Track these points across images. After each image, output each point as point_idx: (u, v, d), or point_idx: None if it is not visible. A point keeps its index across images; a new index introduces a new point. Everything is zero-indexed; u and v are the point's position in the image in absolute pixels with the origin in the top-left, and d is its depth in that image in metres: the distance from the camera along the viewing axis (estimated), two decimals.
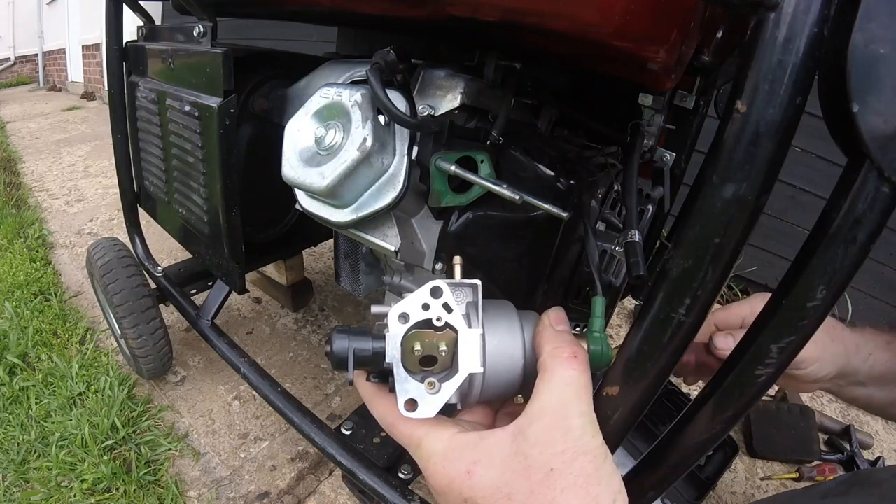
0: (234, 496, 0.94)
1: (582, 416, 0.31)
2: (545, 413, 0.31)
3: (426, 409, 0.31)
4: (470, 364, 0.32)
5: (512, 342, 0.34)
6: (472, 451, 0.32)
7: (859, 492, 0.46)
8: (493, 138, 0.52)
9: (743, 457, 1.13)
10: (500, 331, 0.34)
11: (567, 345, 0.34)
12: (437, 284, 0.32)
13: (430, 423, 0.34)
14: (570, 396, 0.31)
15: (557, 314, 0.37)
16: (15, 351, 1.23)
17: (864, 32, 0.25)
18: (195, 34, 0.72)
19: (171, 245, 1.69)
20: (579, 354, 0.33)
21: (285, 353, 1.31)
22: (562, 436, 0.30)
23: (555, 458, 0.29)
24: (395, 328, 0.32)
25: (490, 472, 0.30)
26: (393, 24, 0.63)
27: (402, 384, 0.32)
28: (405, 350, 0.32)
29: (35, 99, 5.62)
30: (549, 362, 0.33)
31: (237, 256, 0.79)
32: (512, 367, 0.34)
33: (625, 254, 0.43)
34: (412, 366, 0.32)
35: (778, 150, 0.27)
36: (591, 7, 0.34)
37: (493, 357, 0.33)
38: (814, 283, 0.30)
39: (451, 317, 0.32)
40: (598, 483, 0.29)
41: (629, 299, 1.50)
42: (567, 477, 0.29)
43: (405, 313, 0.32)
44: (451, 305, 0.32)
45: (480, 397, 0.34)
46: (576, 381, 0.32)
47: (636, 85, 0.54)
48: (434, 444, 0.33)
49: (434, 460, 0.33)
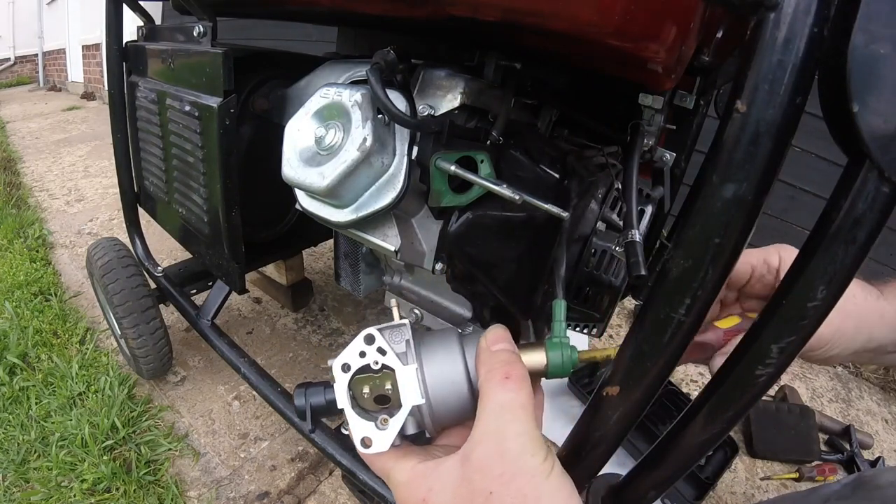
0: (234, 496, 0.94)
1: (519, 437, 0.31)
2: (484, 438, 0.32)
3: (379, 444, 0.34)
4: (411, 398, 0.34)
5: (451, 369, 0.36)
6: (427, 479, 0.33)
7: (863, 495, 0.46)
8: (493, 138, 0.52)
9: (743, 457, 1.13)
10: (438, 360, 0.36)
11: (500, 366, 0.34)
12: (370, 332, 0.36)
13: (396, 455, 0.36)
14: (507, 419, 0.32)
15: (495, 333, 0.37)
16: (15, 351, 1.23)
17: (864, 32, 0.25)
18: (195, 34, 0.72)
19: (171, 245, 1.69)
20: (512, 374, 0.34)
21: (285, 353, 1.31)
22: (499, 459, 0.31)
23: (493, 481, 0.30)
24: (339, 378, 0.35)
25: (441, 498, 0.32)
26: (393, 24, 0.63)
27: (355, 426, 0.35)
28: (357, 394, 0.35)
29: (35, 99, 5.62)
30: (484, 386, 0.34)
31: (237, 256, 0.79)
32: (457, 392, 0.36)
33: (625, 254, 0.43)
34: (370, 406, 0.35)
35: (778, 150, 0.27)
36: (590, 7, 0.34)
37: (434, 386, 0.35)
38: (814, 282, 0.30)
39: (386, 358, 0.35)
40: (536, 502, 0.29)
41: (629, 299, 1.50)
42: (504, 499, 0.30)
43: (346, 363, 0.35)
44: (384, 348, 0.35)
45: (438, 423, 0.37)
46: (511, 403, 0.32)
47: (636, 85, 0.54)
48: (398, 475, 0.35)
49: (399, 489, 0.35)
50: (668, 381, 0.45)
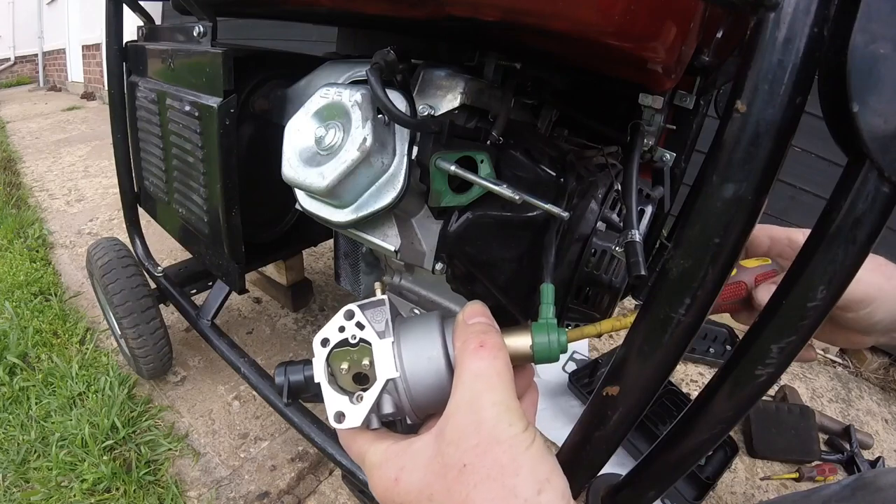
0: (234, 496, 0.94)
1: (495, 406, 0.30)
2: (458, 409, 0.30)
3: (352, 419, 0.34)
4: (385, 371, 0.34)
5: (429, 344, 0.35)
6: (399, 458, 0.32)
7: (863, 497, 0.46)
8: (493, 138, 0.52)
9: (743, 457, 1.13)
10: (415, 335, 0.36)
11: (475, 336, 0.33)
12: (349, 308, 0.36)
13: (372, 439, 0.35)
14: (480, 387, 0.30)
15: (472, 308, 0.36)
16: (15, 351, 1.23)
17: (864, 32, 0.25)
18: (195, 34, 0.72)
19: (171, 245, 1.69)
20: (487, 342, 0.33)
21: (285, 353, 1.31)
22: (474, 429, 0.29)
23: (468, 452, 0.29)
24: (317, 352, 0.36)
25: (413, 477, 0.31)
26: (393, 24, 0.63)
27: (330, 400, 0.35)
28: (335, 371, 0.35)
29: (35, 99, 5.62)
30: (459, 357, 0.33)
31: (237, 256, 0.79)
32: (434, 369, 0.35)
33: (625, 254, 0.42)
34: (348, 385, 0.35)
35: (778, 150, 0.27)
36: (591, 7, 0.34)
37: (410, 361, 0.35)
38: (814, 282, 0.30)
39: (364, 332, 0.35)
40: (514, 474, 0.27)
41: (629, 299, 1.50)
42: (480, 471, 0.28)
43: (325, 338, 0.36)
44: (362, 323, 0.35)
45: (417, 404, 0.36)
46: (486, 371, 0.31)
47: (636, 85, 0.54)
48: (372, 457, 0.34)
49: (371, 472, 0.34)
50: (668, 381, 0.45)
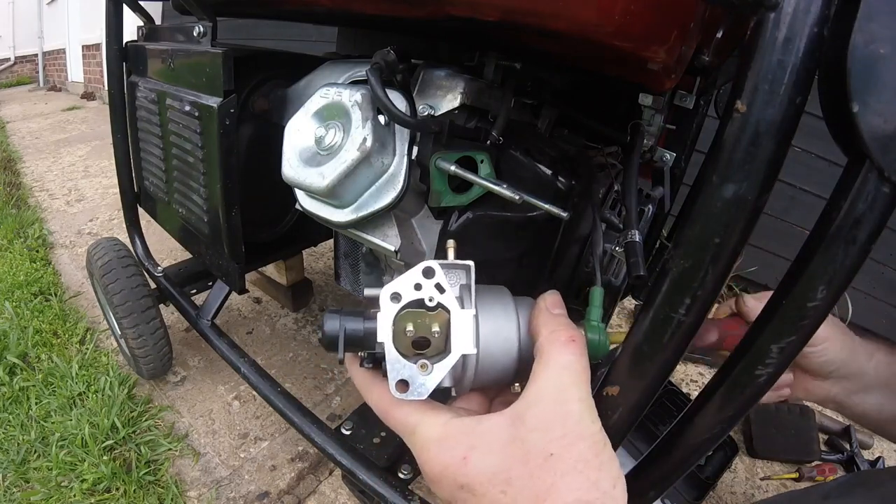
0: (234, 496, 0.94)
1: (581, 402, 0.30)
2: (543, 397, 0.30)
3: (418, 390, 0.31)
4: (463, 345, 0.31)
5: (507, 324, 0.33)
6: (468, 437, 0.31)
7: (862, 493, 0.46)
8: (493, 138, 0.52)
9: (743, 457, 1.13)
10: (495, 313, 0.33)
11: (564, 328, 0.33)
12: (430, 265, 0.32)
13: (424, 409, 0.33)
14: (568, 381, 0.30)
15: (553, 298, 0.36)
16: (15, 351, 1.23)
17: (864, 32, 0.25)
18: (195, 34, 0.72)
19: (171, 245, 1.69)
20: (577, 339, 0.33)
21: (285, 353, 1.31)
22: (560, 420, 0.29)
23: (553, 442, 0.29)
24: (386, 308, 0.31)
25: (487, 458, 0.30)
26: (393, 24, 0.63)
27: (394, 365, 0.31)
28: (397, 331, 0.31)
29: (35, 99, 5.62)
30: (546, 346, 0.32)
31: (237, 256, 0.79)
32: (507, 350, 0.33)
33: (625, 254, 0.42)
34: (405, 349, 0.32)
35: (778, 150, 0.27)
36: (590, 7, 0.34)
37: (486, 339, 0.32)
38: (814, 282, 0.30)
39: (444, 297, 0.31)
40: (597, 469, 0.28)
41: (629, 299, 1.50)
42: (566, 461, 0.28)
43: (397, 293, 0.31)
44: (443, 286, 0.31)
45: (475, 382, 0.33)
46: (573, 366, 0.31)
47: (636, 85, 0.54)
48: (429, 430, 0.32)
49: (428, 446, 0.32)
50: (668, 381, 0.45)
